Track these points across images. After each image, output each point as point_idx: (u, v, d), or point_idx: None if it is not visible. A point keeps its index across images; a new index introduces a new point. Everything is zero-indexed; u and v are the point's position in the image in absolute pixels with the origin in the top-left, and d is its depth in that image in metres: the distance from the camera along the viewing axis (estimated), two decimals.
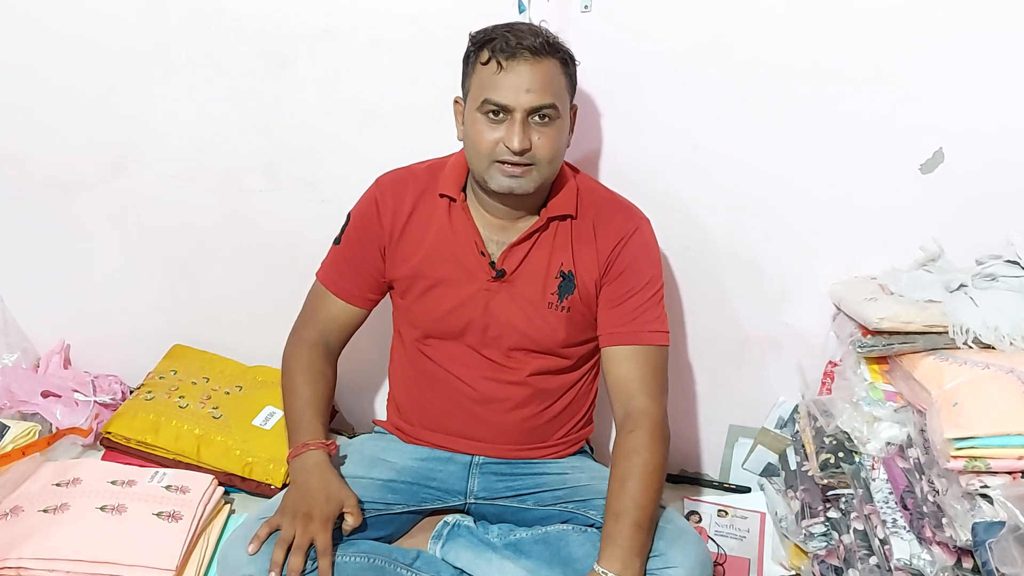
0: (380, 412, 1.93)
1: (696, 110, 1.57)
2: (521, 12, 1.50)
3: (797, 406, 1.74)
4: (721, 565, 1.59)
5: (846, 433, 1.50)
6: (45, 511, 1.51)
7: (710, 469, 1.92)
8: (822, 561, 1.48)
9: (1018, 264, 1.47)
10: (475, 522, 1.50)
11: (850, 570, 1.39)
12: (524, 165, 1.32)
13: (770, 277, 1.70)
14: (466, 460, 1.52)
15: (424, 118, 1.60)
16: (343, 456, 1.48)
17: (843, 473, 1.48)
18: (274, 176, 1.77)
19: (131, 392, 1.96)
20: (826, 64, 1.50)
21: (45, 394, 1.88)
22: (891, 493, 1.37)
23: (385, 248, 1.48)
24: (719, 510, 1.74)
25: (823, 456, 1.52)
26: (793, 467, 1.66)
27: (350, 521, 1.32)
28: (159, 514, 1.52)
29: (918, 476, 1.32)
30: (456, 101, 1.41)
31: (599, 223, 1.45)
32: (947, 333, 1.40)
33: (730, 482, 1.85)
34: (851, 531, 1.41)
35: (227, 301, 1.94)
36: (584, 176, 1.52)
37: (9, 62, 1.74)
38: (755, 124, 1.57)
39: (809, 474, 1.57)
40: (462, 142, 1.40)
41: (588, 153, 1.64)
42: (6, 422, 1.73)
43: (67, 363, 2.03)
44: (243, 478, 1.71)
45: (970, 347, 1.38)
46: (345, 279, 1.51)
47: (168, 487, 1.60)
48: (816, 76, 1.51)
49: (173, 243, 1.89)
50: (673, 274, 1.73)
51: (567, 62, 1.35)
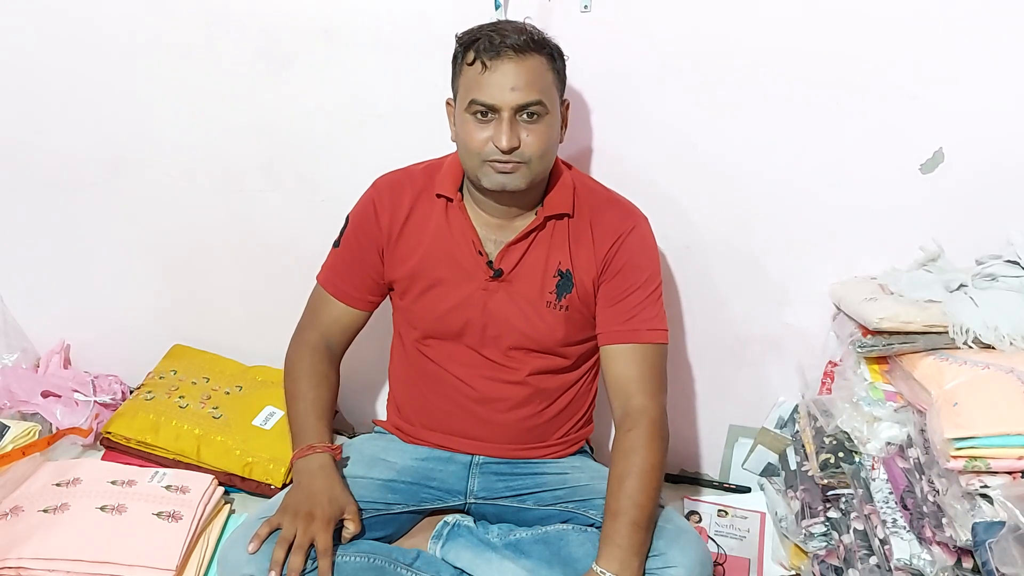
0: (380, 412, 1.93)
1: (696, 110, 1.57)
2: (497, 9, 1.50)
3: (797, 406, 1.74)
4: (721, 565, 1.59)
5: (846, 433, 1.50)
6: (45, 511, 1.51)
7: (710, 469, 1.92)
8: (822, 561, 1.48)
9: (1018, 264, 1.47)
10: (475, 522, 1.50)
11: (850, 570, 1.39)
12: (515, 163, 1.32)
13: (770, 277, 1.70)
14: (466, 460, 1.52)
15: (424, 118, 1.60)
16: (345, 457, 1.48)
17: (843, 473, 1.48)
18: (274, 176, 1.77)
19: (131, 392, 1.96)
20: (826, 64, 1.50)
21: (45, 394, 1.88)
22: (891, 493, 1.37)
23: (383, 250, 1.48)
24: (719, 510, 1.74)
25: (823, 456, 1.52)
26: (793, 467, 1.66)
27: (350, 528, 1.32)
28: (159, 514, 1.52)
29: (918, 476, 1.32)
30: (448, 103, 1.41)
31: (596, 221, 1.44)
32: (947, 333, 1.40)
33: (730, 482, 1.85)
34: (851, 531, 1.41)
35: (227, 301, 1.94)
36: (580, 174, 1.52)
37: (9, 62, 1.74)
38: (755, 124, 1.57)
39: (809, 474, 1.57)
40: (455, 143, 1.40)
41: (588, 153, 1.64)
42: (6, 422, 1.73)
43: (67, 363, 2.03)
44: (243, 478, 1.71)
45: (970, 347, 1.38)
46: (345, 282, 1.51)
47: (168, 487, 1.60)
48: (816, 76, 1.51)
49: (173, 243, 1.89)
50: (673, 274, 1.73)
51: (554, 58, 1.34)
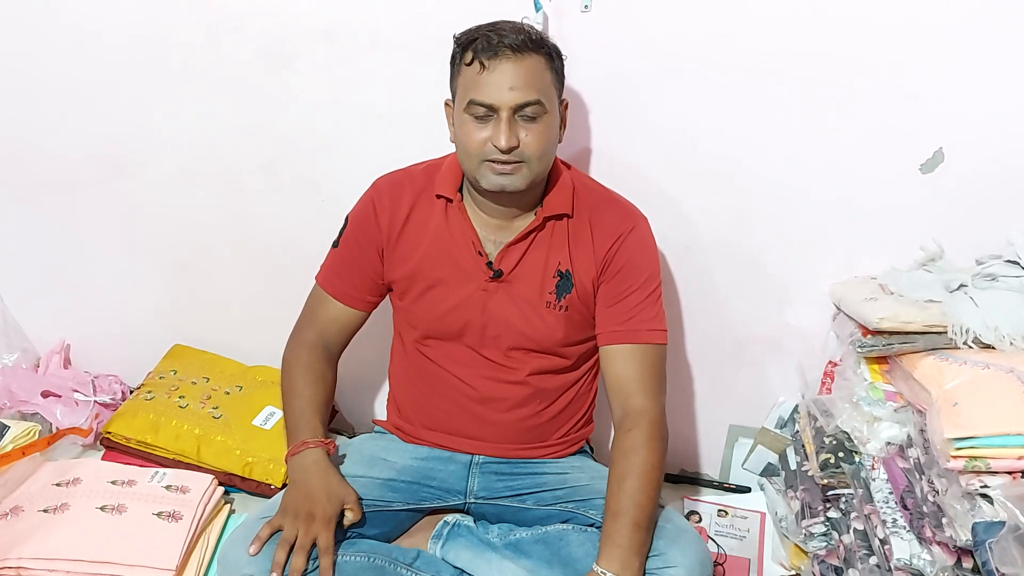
0: (380, 412, 1.93)
1: (696, 110, 1.57)
2: (537, 11, 1.50)
3: (797, 406, 1.74)
4: (721, 565, 1.58)
5: (846, 433, 1.50)
6: (45, 511, 1.51)
7: (710, 469, 1.92)
8: (822, 561, 1.48)
9: (1018, 264, 1.47)
10: (475, 522, 1.50)
11: (850, 570, 1.39)
12: (514, 163, 1.32)
13: (770, 277, 1.70)
14: (466, 460, 1.52)
15: (424, 118, 1.60)
16: (342, 455, 1.48)
17: (843, 473, 1.48)
18: (274, 176, 1.77)
19: (131, 392, 1.96)
20: (826, 64, 1.50)
21: (45, 394, 1.88)
22: (891, 493, 1.37)
23: (383, 250, 1.48)
24: (719, 510, 1.74)
25: (823, 456, 1.52)
26: (793, 467, 1.66)
27: (350, 516, 1.33)
28: (159, 514, 1.52)
29: (918, 476, 1.32)
30: (447, 103, 1.41)
31: (596, 221, 1.44)
32: (947, 333, 1.40)
33: (730, 482, 1.85)
34: (851, 531, 1.41)
35: (227, 301, 1.94)
36: (579, 174, 1.52)
37: (9, 62, 1.74)
38: (755, 124, 1.57)
39: (809, 474, 1.57)
40: (454, 144, 1.40)
41: (588, 152, 1.64)
42: (6, 422, 1.73)
43: (67, 363, 2.03)
44: (243, 478, 1.71)
45: (970, 347, 1.38)
46: (343, 282, 1.51)
47: (168, 487, 1.60)
48: (816, 76, 1.51)
49: (173, 243, 1.89)
50: (673, 274, 1.73)
51: (552, 57, 1.34)
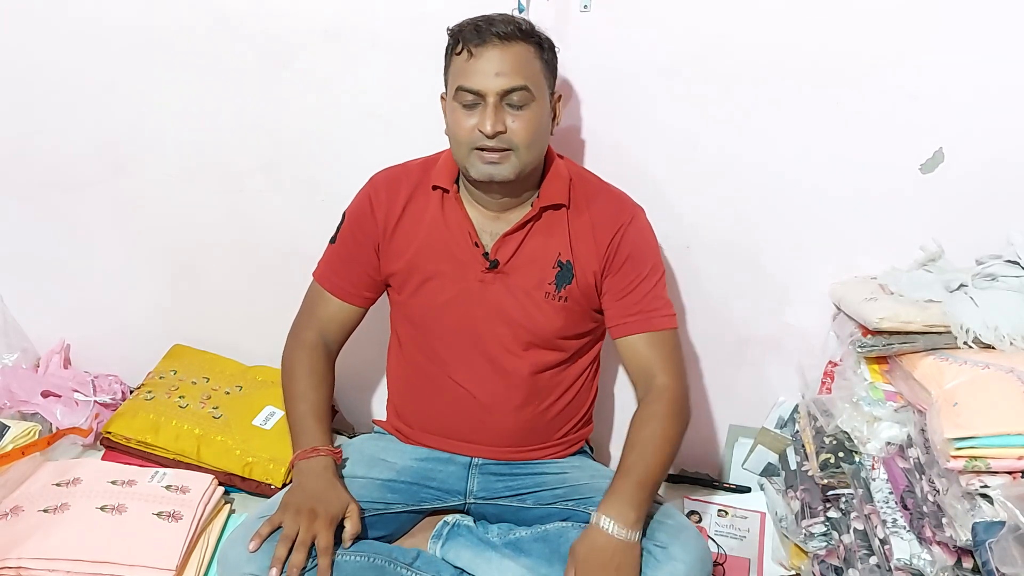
0: (380, 412, 1.93)
1: (697, 110, 1.57)
2: (521, 12, 1.50)
3: (797, 406, 1.74)
4: (721, 565, 1.58)
5: (846, 433, 1.50)
6: (45, 511, 1.51)
7: (710, 469, 1.92)
8: (822, 561, 1.48)
9: (1018, 264, 1.47)
10: (475, 522, 1.50)
11: (850, 570, 1.39)
12: (502, 150, 1.32)
13: (770, 277, 1.70)
14: (465, 460, 1.52)
15: (424, 118, 1.60)
16: (344, 459, 1.48)
17: (843, 473, 1.48)
18: (274, 176, 1.77)
19: (131, 392, 1.96)
20: (826, 64, 1.50)
21: (45, 394, 1.88)
22: (891, 493, 1.37)
23: (380, 244, 1.48)
24: (719, 510, 1.74)
25: (823, 456, 1.52)
26: (793, 467, 1.66)
27: (349, 526, 1.32)
28: (159, 514, 1.52)
29: (918, 476, 1.32)
30: (442, 97, 1.42)
31: (595, 214, 1.45)
32: (947, 333, 1.40)
33: (730, 482, 1.85)
34: (851, 531, 1.41)
35: (227, 301, 1.94)
36: (574, 164, 1.52)
37: (9, 62, 1.74)
38: (755, 124, 1.57)
39: (809, 474, 1.57)
40: (447, 136, 1.40)
41: (588, 152, 1.64)
42: (6, 422, 1.73)
43: (67, 363, 2.03)
44: (243, 478, 1.70)
45: (970, 347, 1.38)
46: (341, 277, 1.51)
47: (168, 487, 1.60)
48: (816, 76, 1.51)
49: (173, 243, 1.89)
50: (673, 273, 1.73)
51: (543, 47, 1.35)
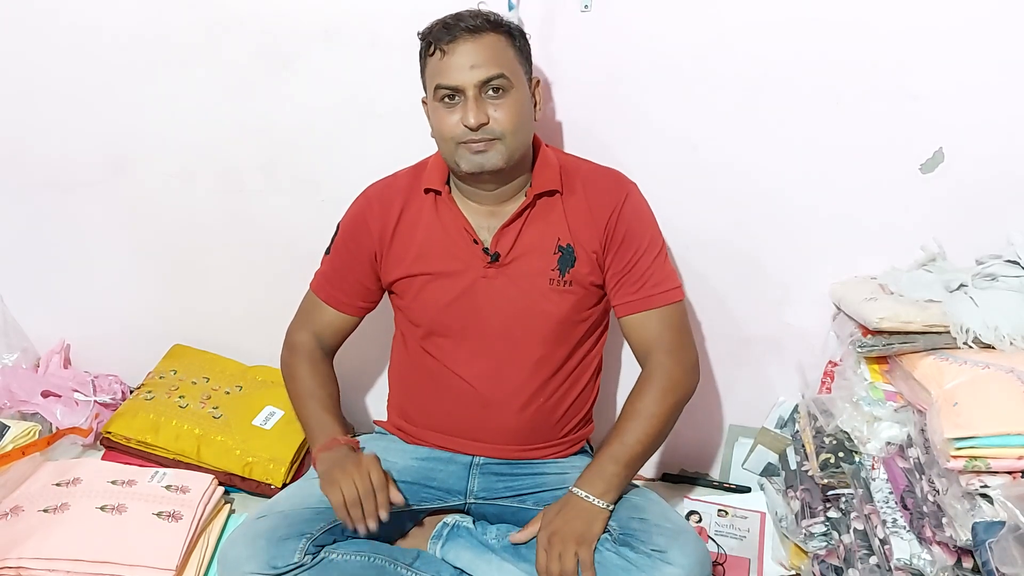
0: (380, 412, 1.93)
1: (696, 110, 1.57)
2: (511, 10, 1.50)
3: (797, 406, 1.74)
4: (721, 565, 1.58)
5: (846, 433, 1.50)
6: (45, 511, 1.51)
7: (710, 469, 1.92)
8: (822, 561, 1.48)
9: (1018, 264, 1.47)
10: (474, 522, 1.50)
11: (850, 570, 1.39)
12: (488, 140, 1.34)
13: (770, 277, 1.70)
14: (466, 460, 1.51)
15: (424, 118, 1.59)
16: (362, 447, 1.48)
17: (843, 473, 1.48)
18: (274, 176, 1.77)
19: (131, 392, 1.96)
20: (826, 64, 1.50)
21: (45, 394, 1.89)
22: (891, 493, 1.37)
23: (377, 254, 1.49)
24: (719, 510, 1.74)
25: (823, 456, 1.52)
26: (793, 467, 1.66)
27: (393, 489, 1.37)
28: (159, 514, 1.52)
29: (918, 476, 1.32)
30: (423, 101, 1.42)
31: (590, 194, 1.45)
32: (947, 333, 1.40)
33: (730, 482, 1.85)
34: (851, 531, 1.41)
35: (227, 301, 1.94)
36: (560, 151, 1.53)
37: (9, 62, 1.74)
38: (756, 124, 1.57)
39: (809, 474, 1.57)
40: (434, 138, 1.41)
41: (588, 152, 1.64)
42: (6, 422, 1.73)
43: (67, 363, 2.03)
44: (243, 478, 1.71)
45: (970, 347, 1.38)
46: (336, 288, 1.52)
47: (168, 487, 1.60)
48: (816, 76, 1.51)
49: (173, 243, 1.89)
50: (678, 272, 1.73)
51: (513, 35, 1.36)
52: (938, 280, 1.49)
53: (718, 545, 1.63)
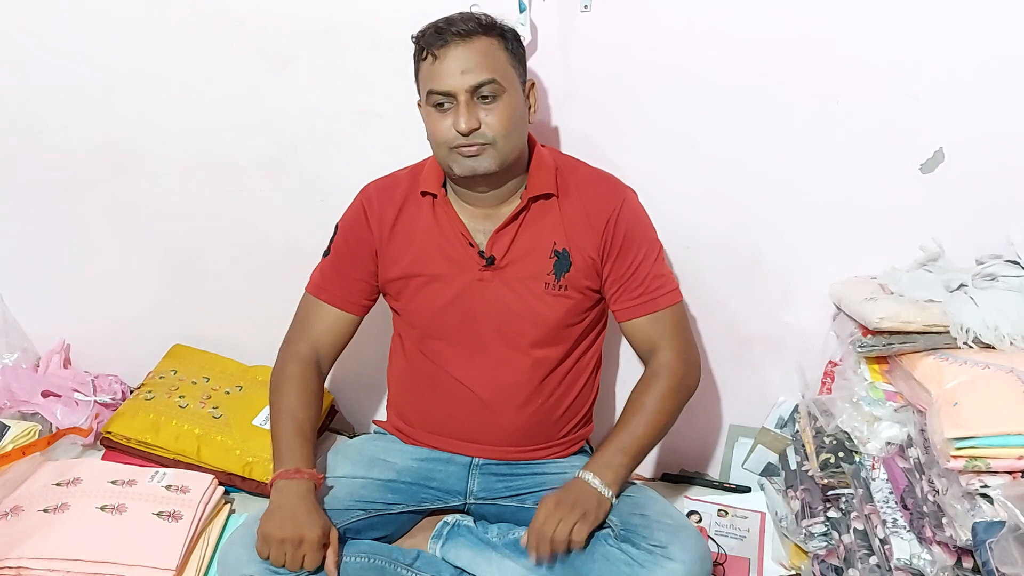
0: (380, 412, 1.93)
1: (696, 109, 1.57)
2: (522, 11, 1.50)
3: (797, 406, 1.74)
4: (721, 565, 1.58)
5: (846, 433, 1.50)
6: (45, 511, 1.51)
7: (710, 469, 1.92)
8: (822, 561, 1.48)
9: (1018, 264, 1.47)
10: (475, 522, 1.50)
11: (850, 570, 1.39)
12: (480, 144, 1.33)
13: (770, 277, 1.70)
14: (466, 461, 1.52)
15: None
16: (328, 487, 1.45)
17: (843, 473, 1.48)
18: (274, 176, 1.77)
19: (131, 392, 1.96)
20: (826, 64, 1.50)
21: (45, 394, 1.89)
22: (891, 493, 1.37)
23: (376, 251, 1.49)
24: (719, 510, 1.74)
25: (823, 456, 1.52)
26: (793, 467, 1.66)
27: (331, 556, 1.30)
28: (159, 514, 1.52)
29: (918, 476, 1.32)
30: (419, 104, 1.42)
31: (586, 199, 1.45)
32: (947, 333, 1.40)
33: (730, 482, 1.85)
34: (851, 531, 1.41)
35: (227, 301, 1.94)
36: (559, 153, 1.53)
37: (9, 63, 1.74)
38: (756, 123, 1.57)
39: (809, 474, 1.57)
40: (429, 141, 1.41)
41: (588, 152, 1.64)
42: (6, 422, 1.73)
43: (67, 363, 2.03)
44: (243, 478, 1.71)
45: (970, 347, 1.38)
46: (336, 286, 1.51)
47: (168, 487, 1.60)
48: (816, 76, 1.51)
49: (173, 243, 1.89)
50: (673, 273, 1.73)
51: (506, 38, 1.36)
52: (938, 280, 1.49)
53: (718, 545, 1.63)
